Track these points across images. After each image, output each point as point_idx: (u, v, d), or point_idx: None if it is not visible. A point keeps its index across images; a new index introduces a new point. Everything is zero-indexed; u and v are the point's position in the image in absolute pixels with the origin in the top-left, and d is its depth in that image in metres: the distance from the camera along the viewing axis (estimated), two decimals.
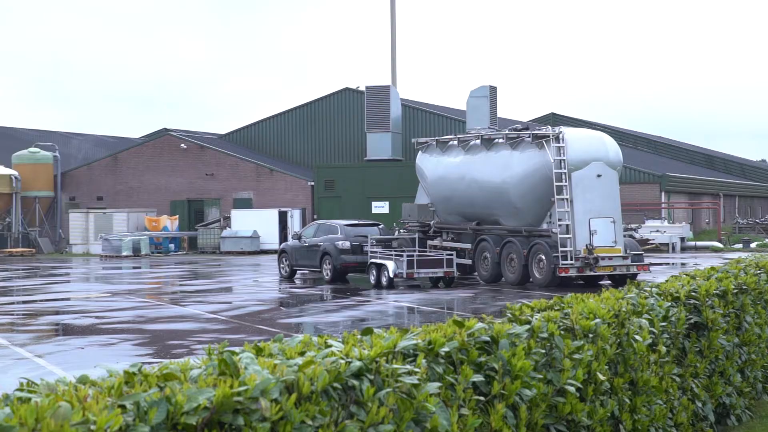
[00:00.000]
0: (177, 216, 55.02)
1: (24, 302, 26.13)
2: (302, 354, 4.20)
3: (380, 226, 32.92)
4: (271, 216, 52.25)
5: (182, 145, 57.08)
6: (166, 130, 71.54)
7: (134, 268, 41.52)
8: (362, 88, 57.84)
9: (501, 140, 29.44)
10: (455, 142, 31.44)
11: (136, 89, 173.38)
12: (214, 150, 57.03)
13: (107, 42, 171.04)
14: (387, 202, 50.63)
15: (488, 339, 5.14)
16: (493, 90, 52.95)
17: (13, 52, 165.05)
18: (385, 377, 4.16)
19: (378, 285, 28.48)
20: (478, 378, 4.84)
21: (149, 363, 3.90)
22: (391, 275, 28.10)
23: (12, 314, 22.73)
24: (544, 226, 28.08)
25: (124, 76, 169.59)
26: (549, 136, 27.64)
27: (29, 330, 19.35)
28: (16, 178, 56.19)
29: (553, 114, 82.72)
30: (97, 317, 20.86)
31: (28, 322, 20.87)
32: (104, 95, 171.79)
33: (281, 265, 33.07)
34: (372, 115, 55.13)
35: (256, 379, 3.52)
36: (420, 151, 33.39)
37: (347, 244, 30.60)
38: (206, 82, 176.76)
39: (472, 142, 30.62)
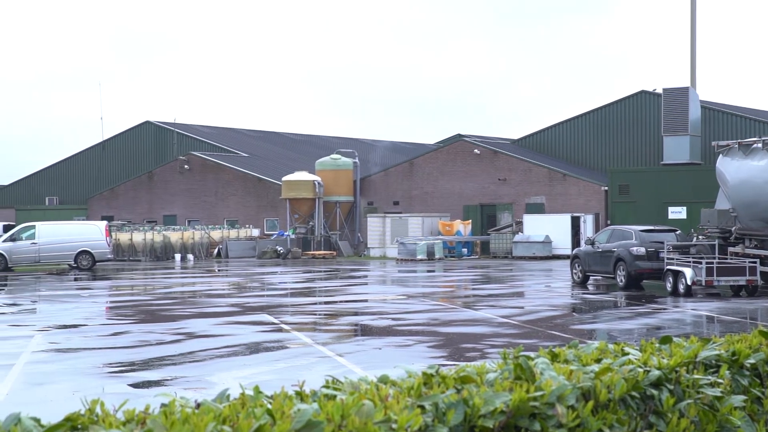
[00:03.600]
0: (470, 220, 55.75)
1: (325, 303, 27.32)
2: (598, 361, 4.14)
3: (677, 232, 31.91)
4: (563, 221, 51.90)
5: (475, 150, 57.77)
6: (460, 135, 72.70)
7: (428, 271, 42.42)
8: (659, 91, 56.35)
9: None
10: (759, 145, 29.93)
11: (432, 96, 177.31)
12: (507, 155, 57.32)
13: (401, 51, 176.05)
14: (684, 208, 49.00)
15: None
16: None
17: (315, 65, 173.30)
18: (686, 388, 4.03)
19: (674, 292, 27.60)
20: None
21: (444, 365, 3.96)
22: (689, 282, 27.14)
23: (315, 314, 23.82)
24: None
25: (419, 83, 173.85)
26: None
27: (330, 329, 20.21)
28: (318, 183, 58.92)
29: None
30: (393, 319, 21.47)
31: (330, 322, 21.81)
32: (400, 103, 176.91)
33: (573, 271, 32.74)
34: (669, 117, 53.57)
35: (552, 384, 3.50)
36: (720, 155, 32.04)
37: (642, 250, 29.87)
38: (500, 88, 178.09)
39: None
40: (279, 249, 56.42)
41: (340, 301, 27.32)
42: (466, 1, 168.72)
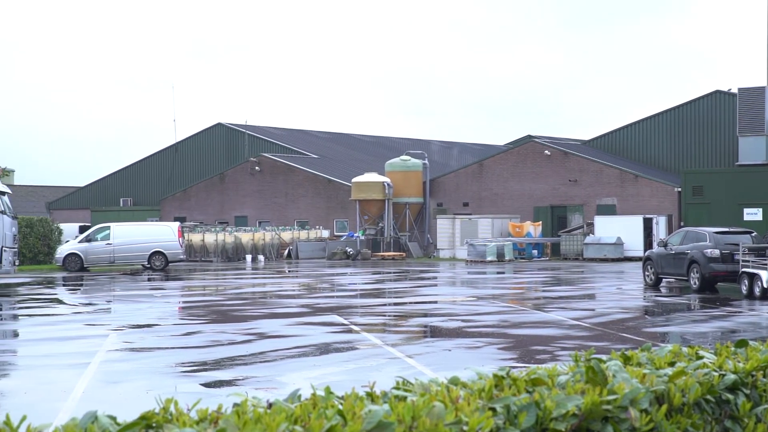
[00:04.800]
0: (540, 222, 55.41)
1: (395, 304, 27.34)
2: (672, 364, 4.09)
3: (752, 234, 31.34)
4: (635, 222, 51.34)
5: (546, 151, 57.39)
6: (530, 137, 72.32)
7: (498, 273, 42.24)
8: (734, 90, 55.47)
9: None
10: None
11: (502, 97, 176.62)
12: (578, 156, 56.86)
13: (471, 53, 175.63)
14: (760, 209, 48.17)
15: None
16: None
17: (384, 67, 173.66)
18: (762, 392, 3.96)
19: (750, 295, 27.12)
20: None
21: (514, 367, 3.94)
22: (765, 285, 26.63)
23: (384, 315, 23.85)
24: None
25: (489, 84, 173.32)
26: None
27: (400, 331, 20.23)
28: (388, 185, 59.00)
29: None
30: (462, 321, 21.41)
31: (399, 324, 21.82)
32: (470, 104, 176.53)
33: (646, 273, 32.36)
34: (745, 118, 52.70)
35: (625, 387, 3.46)
36: None
37: (716, 252, 29.41)
38: (570, 89, 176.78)
39: None
40: (349, 250, 56.62)
41: (410, 303, 27.32)
42: (536, 2, 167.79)
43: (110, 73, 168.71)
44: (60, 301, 29.38)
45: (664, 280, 32.13)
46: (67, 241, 50.31)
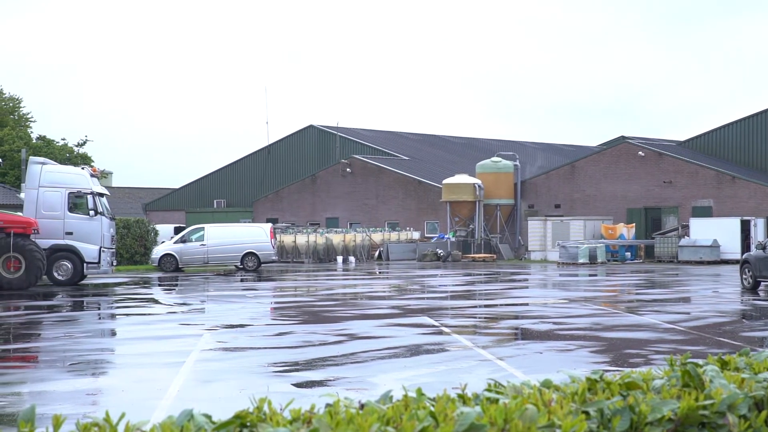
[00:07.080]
0: (633, 224, 54.65)
1: (485, 306, 27.23)
2: None
3: None
4: (732, 225, 50.32)
5: (639, 152, 56.60)
6: (623, 137, 71.41)
7: (590, 275, 41.77)
8: None
9: None
10: None
11: (594, 98, 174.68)
12: (673, 157, 55.94)
13: (563, 53, 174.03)
14: None
15: None
16: None
17: (476, 69, 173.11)
18: None
19: None
20: None
21: (607, 371, 3.90)
22: None
23: (475, 317, 23.78)
24: None
25: (581, 85, 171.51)
26: None
27: (491, 333, 20.13)
28: (479, 186, 58.81)
29: None
30: (554, 323, 21.22)
31: (490, 326, 21.71)
32: (562, 105, 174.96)
33: (743, 276, 31.69)
34: None
35: (723, 393, 3.39)
36: None
37: None
38: (665, 88, 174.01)
39: None
40: (439, 252, 56.58)
41: (501, 305, 27.18)
42: (629, 3, 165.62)
43: (204, 77, 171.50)
44: (156, 301, 29.94)
45: (762, 283, 31.43)
46: (163, 242, 51.25)
